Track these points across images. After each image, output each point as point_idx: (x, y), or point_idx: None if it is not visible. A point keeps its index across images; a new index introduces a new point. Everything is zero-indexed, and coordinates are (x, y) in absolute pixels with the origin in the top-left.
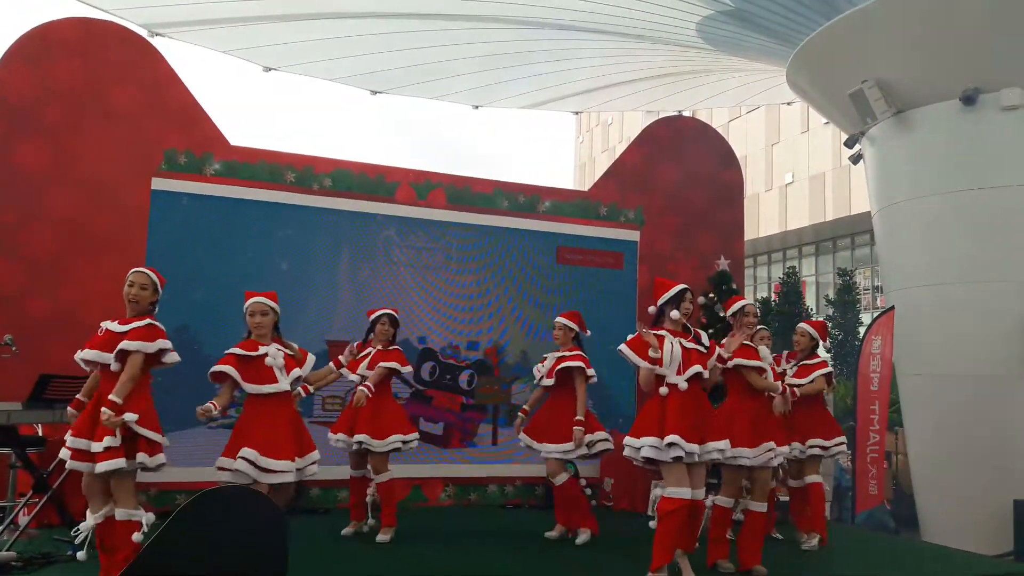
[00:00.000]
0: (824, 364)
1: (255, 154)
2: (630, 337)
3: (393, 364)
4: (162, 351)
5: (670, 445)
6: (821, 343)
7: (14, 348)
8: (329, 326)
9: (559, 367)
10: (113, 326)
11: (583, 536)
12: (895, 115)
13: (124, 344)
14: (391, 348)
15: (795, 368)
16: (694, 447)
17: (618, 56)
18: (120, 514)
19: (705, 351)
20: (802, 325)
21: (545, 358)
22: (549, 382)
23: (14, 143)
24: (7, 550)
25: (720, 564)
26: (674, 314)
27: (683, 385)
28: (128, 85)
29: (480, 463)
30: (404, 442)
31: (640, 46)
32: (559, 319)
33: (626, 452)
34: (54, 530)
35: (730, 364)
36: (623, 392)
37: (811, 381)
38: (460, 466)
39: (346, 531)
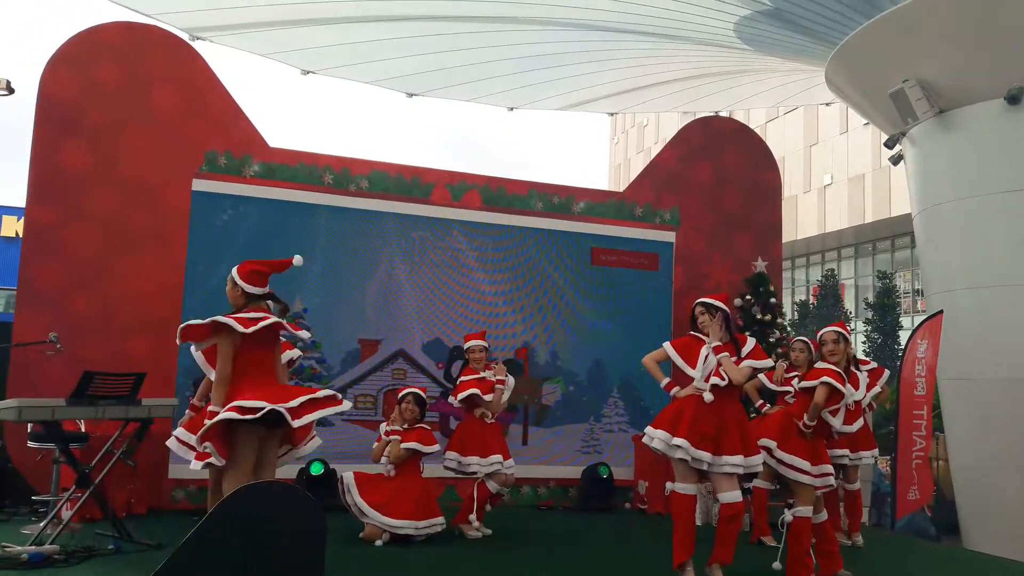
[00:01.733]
0: (825, 372)
1: (293, 156)
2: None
3: (414, 445)
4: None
5: (676, 447)
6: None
7: (59, 345)
8: (362, 326)
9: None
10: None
11: None
12: (937, 115)
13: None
14: (416, 427)
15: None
16: (703, 455)
17: (654, 57)
18: None
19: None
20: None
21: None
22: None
23: (59, 144)
24: (50, 543)
25: None
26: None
27: (707, 396)
28: (169, 88)
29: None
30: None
31: (676, 46)
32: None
33: (643, 440)
34: (96, 524)
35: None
36: (659, 393)
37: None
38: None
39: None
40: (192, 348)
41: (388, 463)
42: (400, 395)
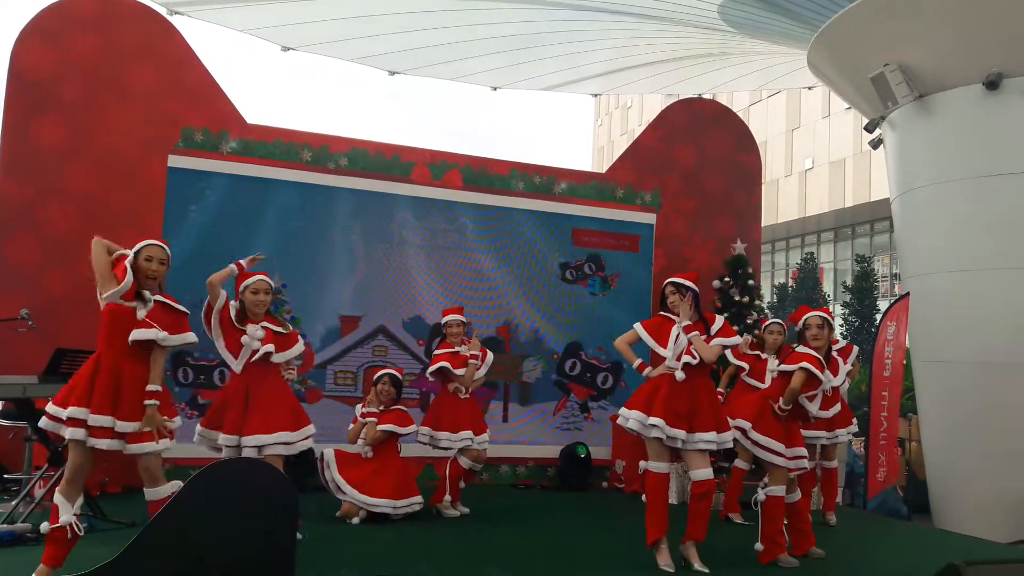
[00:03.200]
0: (804, 357)
1: (271, 132)
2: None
3: (390, 427)
4: None
5: (652, 426)
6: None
7: (30, 322)
8: (342, 303)
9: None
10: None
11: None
12: (917, 99)
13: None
14: (392, 408)
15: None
16: (678, 432)
17: (638, 38)
18: None
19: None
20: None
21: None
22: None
23: (32, 119)
24: (22, 522)
25: (781, 559)
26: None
27: (679, 375)
28: (146, 63)
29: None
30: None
31: (661, 28)
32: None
33: (619, 421)
34: None
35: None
36: (637, 373)
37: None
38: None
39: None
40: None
41: (365, 445)
42: (375, 376)
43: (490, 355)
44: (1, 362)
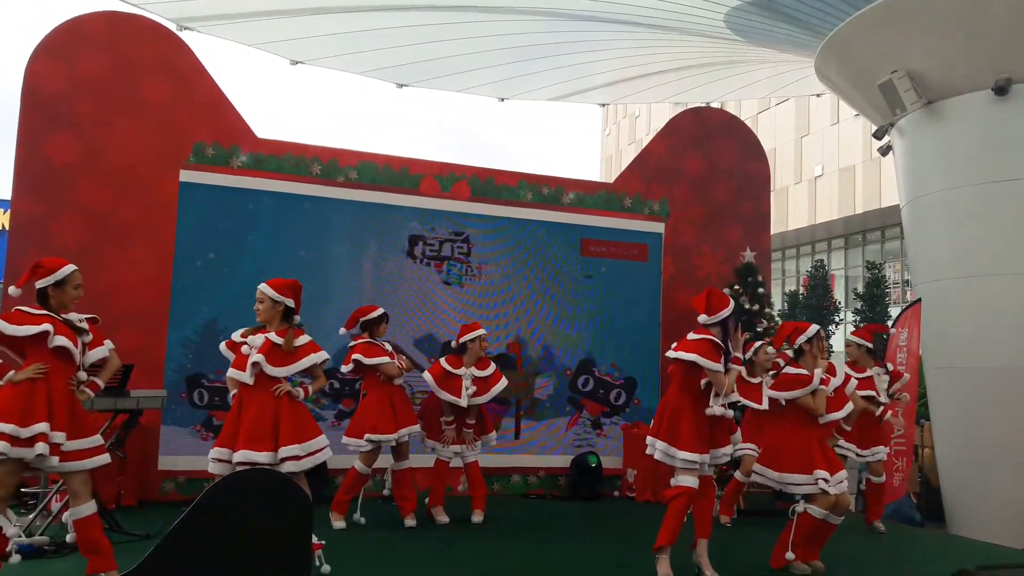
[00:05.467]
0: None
1: (281, 147)
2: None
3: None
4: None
5: (686, 460)
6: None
7: None
8: (343, 319)
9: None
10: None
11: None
12: (925, 106)
13: None
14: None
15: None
16: (705, 458)
17: (645, 47)
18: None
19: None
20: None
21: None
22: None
23: (45, 136)
24: (40, 535)
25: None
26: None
27: (717, 411)
28: (156, 78)
29: (505, 452)
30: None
31: (667, 37)
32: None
33: (647, 451)
34: None
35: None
36: (652, 387)
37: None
38: (484, 456)
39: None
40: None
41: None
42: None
43: (503, 381)
44: None
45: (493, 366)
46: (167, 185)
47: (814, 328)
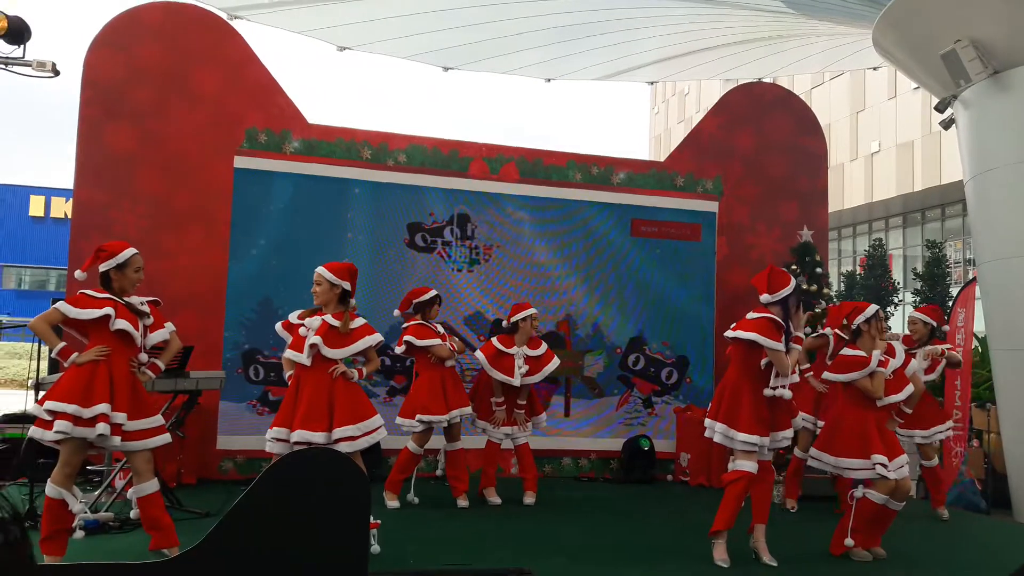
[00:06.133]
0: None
1: (332, 132)
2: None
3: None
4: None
5: (746, 443)
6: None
7: None
8: (397, 299)
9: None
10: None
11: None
12: (991, 76)
13: None
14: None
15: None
16: (765, 441)
17: (694, 23)
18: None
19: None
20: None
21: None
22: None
23: (104, 125)
24: (105, 511)
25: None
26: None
27: (778, 392)
28: (210, 67)
29: (556, 435)
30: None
31: (717, 11)
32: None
33: (705, 434)
34: None
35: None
36: (705, 367)
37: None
38: (534, 438)
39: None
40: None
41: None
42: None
43: (555, 360)
44: None
45: (545, 346)
46: (221, 171)
47: (873, 308)
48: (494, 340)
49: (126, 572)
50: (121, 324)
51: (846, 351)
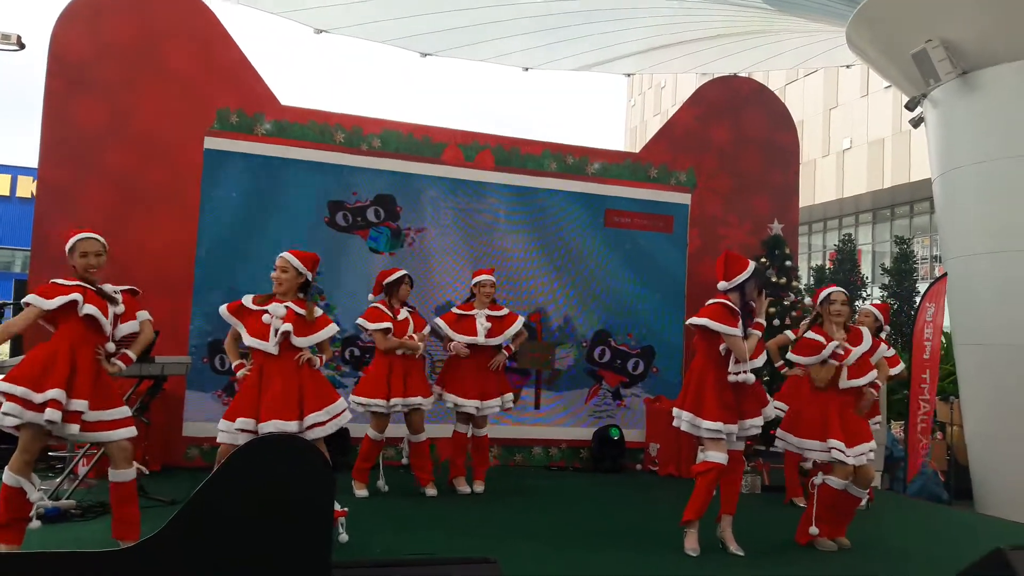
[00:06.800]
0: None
1: (305, 114)
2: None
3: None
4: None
5: (710, 430)
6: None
7: None
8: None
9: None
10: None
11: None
12: (960, 76)
13: None
14: (412, 309)
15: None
16: (732, 428)
17: (672, 16)
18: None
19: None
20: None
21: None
22: None
23: (71, 102)
24: (67, 498)
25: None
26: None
27: (739, 377)
28: (182, 45)
29: (526, 423)
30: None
31: (695, 6)
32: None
33: (673, 423)
34: None
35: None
36: (673, 359)
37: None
38: (505, 427)
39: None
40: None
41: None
42: (394, 277)
43: (519, 321)
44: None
45: (507, 309)
46: (192, 152)
47: (826, 291)
48: (454, 308)
49: (83, 561)
50: (89, 309)
51: (809, 334)
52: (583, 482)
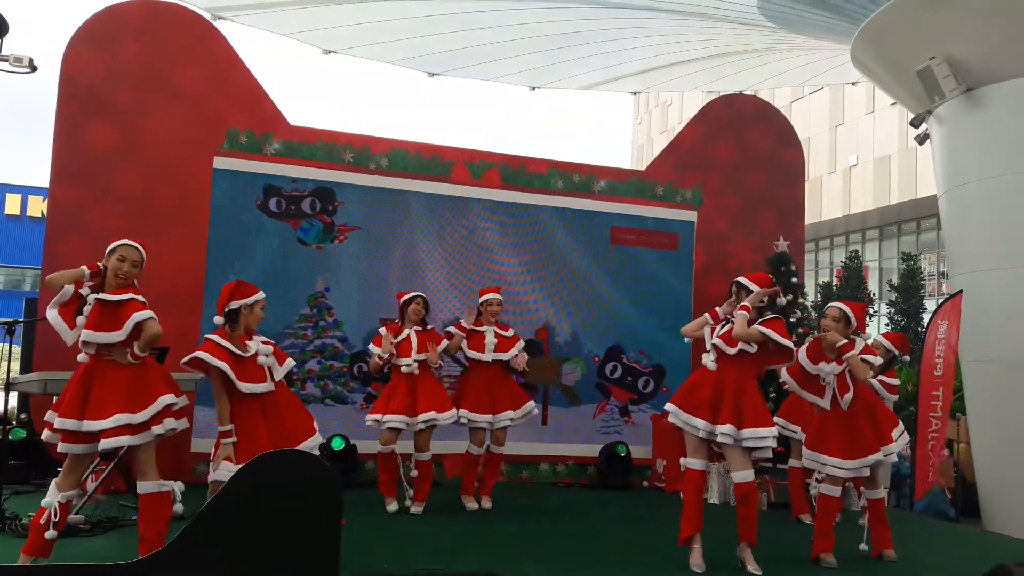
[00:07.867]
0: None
1: (314, 134)
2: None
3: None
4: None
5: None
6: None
7: None
8: (383, 305)
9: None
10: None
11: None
12: (965, 93)
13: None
14: (428, 328)
15: None
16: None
17: (678, 35)
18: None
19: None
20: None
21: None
22: None
23: (82, 123)
24: (76, 513)
25: (823, 558)
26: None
27: (710, 365)
28: (192, 66)
29: (534, 440)
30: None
31: (700, 24)
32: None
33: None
34: (120, 496)
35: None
36: (681, 376)
37: None
38: (513, 443)
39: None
40: None
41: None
42: (405, 298)
43: (520, 342)
44: (54, 359)
45: (512, 331)
46: (201, 171)
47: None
48: (462, 321)
49: (94, 573)
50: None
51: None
52: (590, 498)
